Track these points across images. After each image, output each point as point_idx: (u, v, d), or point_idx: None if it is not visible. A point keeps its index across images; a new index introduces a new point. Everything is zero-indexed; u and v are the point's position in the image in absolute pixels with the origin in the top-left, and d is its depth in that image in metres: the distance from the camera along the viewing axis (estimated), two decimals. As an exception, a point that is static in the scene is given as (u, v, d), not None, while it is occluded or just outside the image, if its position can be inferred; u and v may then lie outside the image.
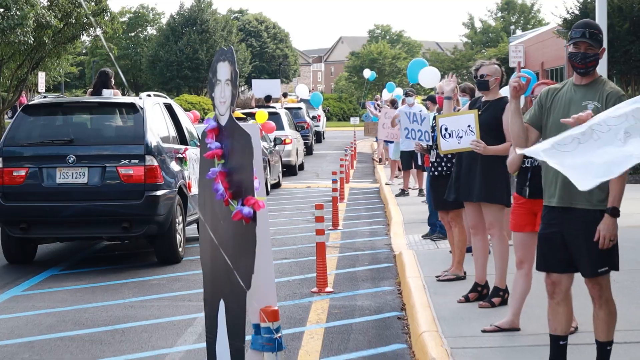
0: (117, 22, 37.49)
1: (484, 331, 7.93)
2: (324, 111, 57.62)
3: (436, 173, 10.66)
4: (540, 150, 5.33)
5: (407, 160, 20.24)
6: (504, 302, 8.94)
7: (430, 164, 10.84)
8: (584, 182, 5.47)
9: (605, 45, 15.63)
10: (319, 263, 10.66)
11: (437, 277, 10.48)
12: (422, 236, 14.25)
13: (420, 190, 20.13)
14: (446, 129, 9.60)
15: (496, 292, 8.96)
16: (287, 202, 21.11)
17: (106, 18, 36.96)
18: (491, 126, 8.97)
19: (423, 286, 10.05)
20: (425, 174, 18.63)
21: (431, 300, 9.31)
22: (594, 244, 6.09)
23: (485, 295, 9.18)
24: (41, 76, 30.20)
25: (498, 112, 8.96)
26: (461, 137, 9.45)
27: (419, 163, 18.86)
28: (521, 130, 6.48)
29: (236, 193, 4.84)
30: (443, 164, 10.56)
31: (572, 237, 6.20)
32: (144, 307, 10.10)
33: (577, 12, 28.25)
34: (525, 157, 7.66)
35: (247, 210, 4.73)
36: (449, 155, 10.29)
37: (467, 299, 9.19)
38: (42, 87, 30.48)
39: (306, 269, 12.20)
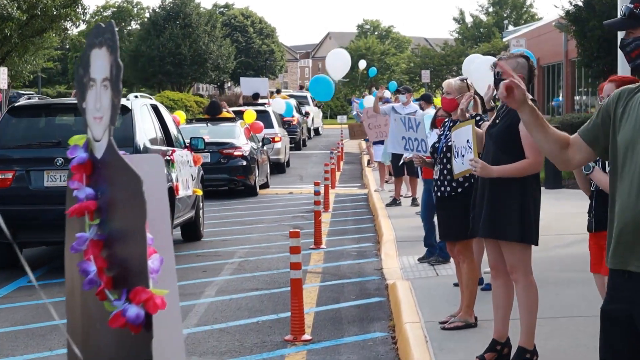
0: (87, 14, 35.32)
1: None
2: (318, 107, 55.55)
3: (439, 194, 8.51)
4: None
5: (399, 166, 18.08)
6: (531, 368, 6.87)
7: (433, 183, 8.69)
8: None
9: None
10: (295, 304, 8.57)
11: (441, 323, 8.37)
12: (419, 259, 12.18)
13: (414, 200, 18.04)
14: (455, 146, 7.55)
15: (522, 354, 6.87)
16: (266, 212, 19.01)
17: (78, 10, 34.86)
18: (504, 139, 6.87)
19: (424, 337, 7.97)
20: (419, 180, 16.58)
21: (436, 361, 7.23)
22: None
23: (506, 355, 7.08)
24: (2, 72, 28.14)
25: (514, 119, 6.79)
26: (463, 155, 7.40)
27: (419, 175, 16.58)
28: (553, 143, 4.38)
29: (118, 279, 2.76)
30: (446, 182, 8.40)
31: None
32: (72, 365, 7.98)
33: (580, 3, 26.19)
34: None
35: (133, 311, 2.67)
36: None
37: (483, 361, 7.11)
38: (4, 83, 28.40)
39: (280, 305, 10.10)
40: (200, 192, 14.95)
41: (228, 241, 15.00)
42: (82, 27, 65.63)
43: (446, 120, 8.63)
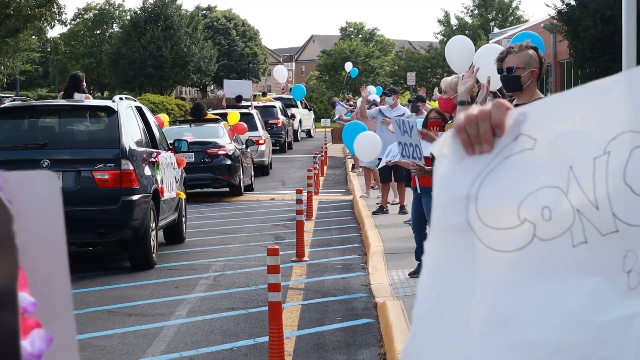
0: (64, 13, 34.22)
1: None
2: (309, 109, 54.82)
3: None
4: None
5: (386, 172, 17.08)
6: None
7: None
8: None
9: (634, 33, 12.68)
10: (273, 330, 7.58)
11: (438, 352, 7.42)
12: (409, 274, 11.23)
13: (402, 207, 17.10)
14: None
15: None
16: (246, 220, 18.03)
17: (53, 10, 33.89)
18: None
19: (420, 369, 7.00)
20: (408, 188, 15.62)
21: (435, 401, 6.26)
22: None
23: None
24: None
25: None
26: None
27: (413, 184, 15.54)
28: None
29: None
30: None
31: None
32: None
33: (572, 1, 25.33)
34: None
35: None
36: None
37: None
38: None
39: (258, 328, 9.11)
40: (183, 195, 14.89)
41: (204, 252, 14.04)
42: (62, 29, 64.48)
43: (451, 122, 7.68)
